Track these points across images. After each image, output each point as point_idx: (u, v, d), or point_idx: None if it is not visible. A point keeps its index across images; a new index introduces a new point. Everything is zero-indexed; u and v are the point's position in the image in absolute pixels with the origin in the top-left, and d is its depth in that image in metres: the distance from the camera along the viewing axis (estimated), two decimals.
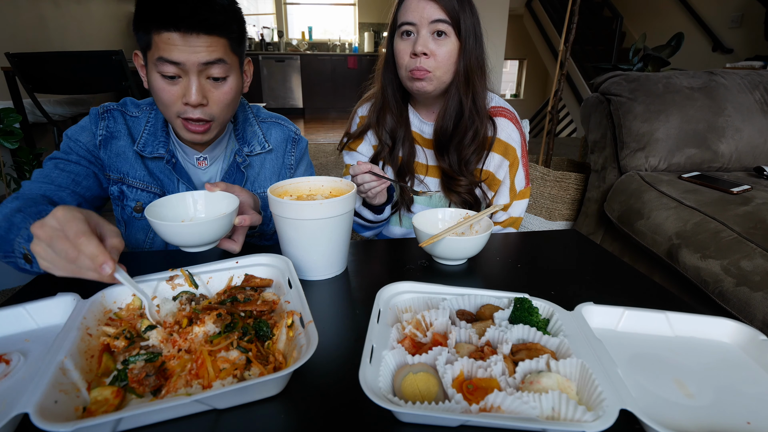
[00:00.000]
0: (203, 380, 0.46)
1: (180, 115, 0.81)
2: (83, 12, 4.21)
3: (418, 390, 0.45)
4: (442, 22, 0.91)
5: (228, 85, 0.81)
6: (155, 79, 0.78)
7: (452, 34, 0.93)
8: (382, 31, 7.17)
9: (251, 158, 0.98)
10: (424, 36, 0.92)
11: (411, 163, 1.08)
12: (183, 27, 0.73)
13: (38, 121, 2.70)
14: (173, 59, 0.74)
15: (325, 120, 6.82)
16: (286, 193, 0.78)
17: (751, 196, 1.47)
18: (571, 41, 2.32)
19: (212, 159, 0.96)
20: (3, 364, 0.48)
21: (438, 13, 0.91)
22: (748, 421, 0.44)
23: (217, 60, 0.77)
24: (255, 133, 0.99)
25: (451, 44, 0.93)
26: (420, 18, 0.92)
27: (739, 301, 1.16)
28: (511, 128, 1.05)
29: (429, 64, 0.93)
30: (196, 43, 0.74)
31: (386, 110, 1.06)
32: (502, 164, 1.05)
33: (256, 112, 1.03)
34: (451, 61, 0.95)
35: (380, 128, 1.07)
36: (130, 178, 0.90)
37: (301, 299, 0.54)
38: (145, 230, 0.94)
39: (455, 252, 0.76)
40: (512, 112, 1.07)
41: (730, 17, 3.92)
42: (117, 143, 0.89)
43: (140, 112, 0.92)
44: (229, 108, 0.84)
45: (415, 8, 0.93)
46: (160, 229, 0.65)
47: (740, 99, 1.84)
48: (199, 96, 0.78)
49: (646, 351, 0.54)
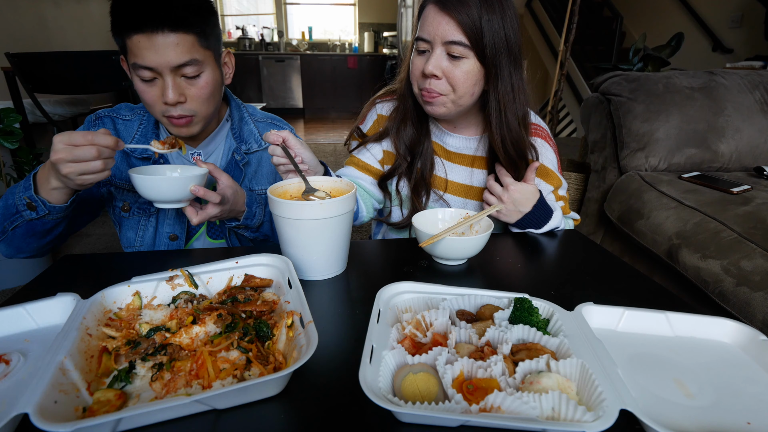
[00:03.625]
0: (203, 380, 0.46)
1: (164, 114, 0.84)
2: (83, 12, 4.21)
3: (418, 390, 0.45)
4: (458, 44, 0.80)
5: (203, 80, 0.83)
6: (136, 82, 0.82)
7: (471, 56, 0.82)
8: (382, 31, 7.17)
9: (249, 156, 1.00)
10: (437, 55, 0.82)
11: (429, 176, 0.99)
12: (147, 28, 0.75)
13: (38, 121, 2.69)
14: (145, 64, 0.77)
15: (325, 120, 6.82)
16: (286, 193, 0.78)
17: (751, 196, 1.47)
18: (571, 41, 2.32)
19: (206, 155, 0.98)
20: (3, 364, 0.48)
21: (454, 33, 0.79)
22: (748, 422, 0.44)
23: (188, 61, 0.79)
24: (251, 131, 1.01)
25: (469, 65, 0.82)
26: (434, 36, 0.81)
27: (739, 301, 1.16)
28: (546, 148, 0.99)
29: (440, 87, 0.84)
30: (164, 42, 0.76)
31: (407, 121, 0.97)
32: (546, 189, 0.99)
33: (252, 112, 1.05)
34: (469, 83, 0.84)
35: (399, 141, 0.98)
36: (117, 180, 0.93)
37: (301, 299, 0.54)
38: (134, 228, 0.97)
39: (455, 252, 0.76)
40: (545, 129, 1.02)
41: (730, 17, 3.92)
42: None
43: (134, 115, 0.95)
44: (208, 102, 0.86)
45: (431, 22, 0.82)
46: (134, 180, 0.75)
47: (740, 99, 1.83)
48: (176, 95, 0.80)
49: (646, 351, 0.54)
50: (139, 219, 0.96)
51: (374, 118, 1.05)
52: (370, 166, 1.03)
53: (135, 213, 0.95)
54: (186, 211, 0.80)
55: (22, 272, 1.97)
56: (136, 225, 0.96)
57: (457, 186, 1.01)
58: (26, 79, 2.30)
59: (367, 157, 1.04)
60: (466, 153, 1.01)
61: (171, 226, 0.96)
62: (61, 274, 0.74)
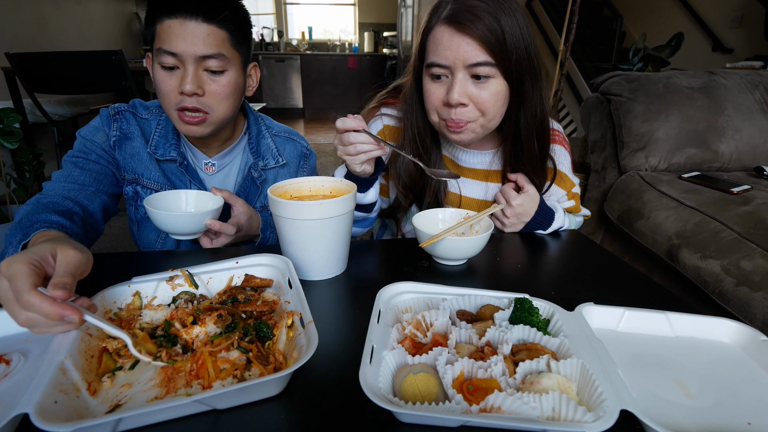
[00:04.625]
0: (203, 380, 0.46)
1: (177, 106, 0.81)
2: (83, 12, 4.21)
3: (418, 390, 0.45)
4: (483, 65, 0.72)
5: (226, 79, 0.82)
6: (156, 70, 0.80)
7: (498, 75, 0.74)
8: (382, 31, 7.17)
9: (266, 172, 0.98)
10: (460, 81, 0.74)
11: (443, 198, 0.94)
12: (182, 12, 0.75)
13: (38, 121, 2.69)
14: (171, 50, 0.76)
15: (325, 120, 6.81)
16: (286, 193, 0.78)
17: (751, 196, 1.47)
18: (571, 41, 2.32)
19: (220, 167, 0.96)
20: (3, 364, 0.48)
21: (478, 54, 0.71)
22: (748, 422, 0.44)
23: (215, 54, 0.78)
24: (269, 146, 0.99)
25: (496, 85, 0.75)
26: (454, 60, 0.73)
27: (739, 301, 1.16)
28: (563, 154, 0.96)
29: (469, 115, 0.76)
30: (195, 30, 0.76)
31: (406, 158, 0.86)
32: (560, 193, 0.99)
33: (269, 125, 1.03)
34: (498, 104, 0.77)
35: (398, 179, 0.90)
36: (145, 179, 0.91)
37: (301, 299, 0.54)
38: (157, 230, 0.95)
39: (455, 252, 0.75)
40: (561, 133, 0.98)
41: (730, 17, 3.92)
42: (131, 144, 0.90)
43: (150, 115, 0.93)
44: (226, 102, 0.84)
45: (447, 46, 0.72)
46: (150, 214, 0.77)
47: (740, 99, 1.84)
48: (194, 85, 0.79)
49: (646, 351, 0.54)
50: None
51: (380, 128, 0.97)
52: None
53: None
54: (201, 242, 0.81)
55: None
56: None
57: (472, 201, 0.97)
58: (26, 79, 2.30)
59: None
60: (480, 168, 0.96)
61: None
62: None
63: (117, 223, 2.52)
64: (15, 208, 2.05)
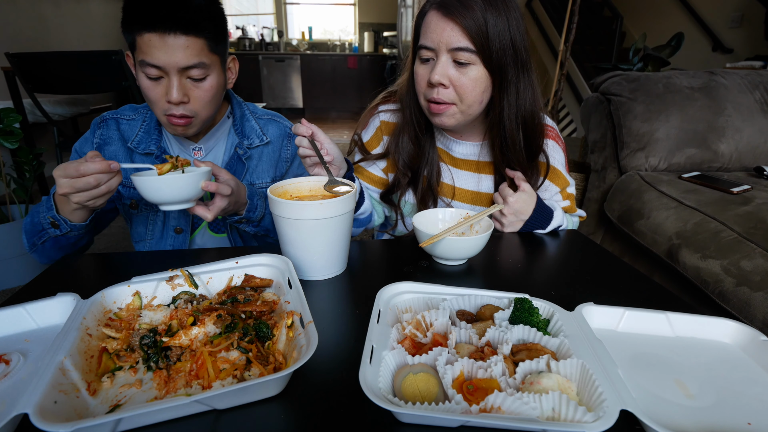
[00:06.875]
0: (203, 380, 0.46)
1: (165, 113, 0.85)
2: (83, 12, 4.21)
3: (418, 390, 0.45)
4: (464, 50, 0.77)
5: (208, 83, 0.85)
6: (141, 78, 0.83)
7: (478, 62, 0.79)
8: (382, 31, 7.17)
9: (251, 150, 1.02)
10: (443, 63, 0.79)
11: (436, 185, 0.98)
12: (160, 27, 0.76)
13: (38, 121, 2.69)
14: (153, 62, 0.79)
15: (326, 120, 6.81)
16: (286, 193, 0.78)
17: (751, 196, 1.47)
18: (571, 41, 2.32)
19: (207, 149, 1.00)
20: (3, 364, 0.48)
21: (460, 40, 0.77)
22: (748, 422, 0.44)
23: (196, 64, 0.81)
24: (253, 127, 1.02)
25: (476, 72, 0.80)
26: (438, 43, 0.79)
27: (739, 301, 1.16)
28: (556, 150, 0.98)
29: (448, 96, 0.82)
30: (175, 43, 0.78)
31: (405, 134, 0.95)
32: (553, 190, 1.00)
33: (253, 109, 1.07)
34: (477, 91, 0.81)
35: (398, 155, 0.96)
36: (123, 179, 0.93)
37: (301, 299, 0.54)
38: (144, 223, 1.00)
39: (455, 252, 0.75)
40: (554, 129, 0.99)
41: (730, 17, 3.92)
42: (109, 149, 0.95)
43: (137, 115, 0.98)
44: (209, 104, 0.88)
45: (434, 29, 0.79)
46: (137, 184, 0.72)
47: (740, 99, 1.83)
48: (180, 95, 0.82)
49: (646, 351, 0.54)
50: (148, 214, 0.99)
51: (377, 125, 1.02)
52: (375, 176, 1.03)
53: (143, 209, 0.98)
54: (196, 211, 0.79)
55: (22, 272, 1.97)
56: (146, 220, 1.00)
57: (465, 193, 1.00)
58: (26, 79, 2.30)
59: (372, 168, 1.03)
60: (472, 159, 1.00)
61: (176, 219, 0.99)
62: (61, 274, 0.74)
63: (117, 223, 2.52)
64: (15, 208, 2.05)
